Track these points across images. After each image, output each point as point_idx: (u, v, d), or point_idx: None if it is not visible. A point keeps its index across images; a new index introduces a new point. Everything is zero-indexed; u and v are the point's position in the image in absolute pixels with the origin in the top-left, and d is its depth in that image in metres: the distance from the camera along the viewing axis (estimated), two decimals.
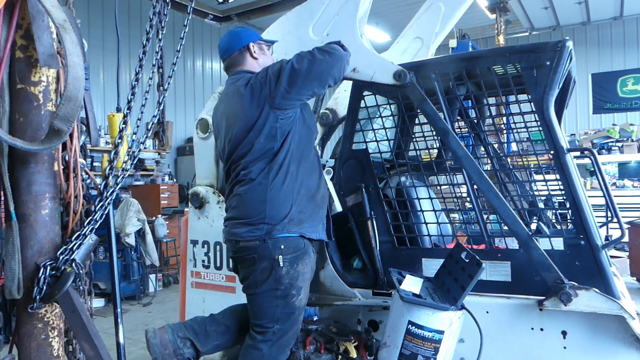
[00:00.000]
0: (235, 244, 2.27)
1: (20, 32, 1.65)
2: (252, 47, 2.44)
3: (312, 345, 2.46)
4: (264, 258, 2.20)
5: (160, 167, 8.80)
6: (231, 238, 2.29)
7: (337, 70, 2.26)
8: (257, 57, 2.45)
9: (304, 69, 2.17)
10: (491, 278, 2.37)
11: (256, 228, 2.20)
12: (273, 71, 2.22)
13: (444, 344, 1.97)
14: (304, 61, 2.19)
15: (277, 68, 2.22)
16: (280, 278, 2.19)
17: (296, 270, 2.23)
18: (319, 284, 2.70)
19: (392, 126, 2.98)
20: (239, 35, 2.46)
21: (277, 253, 2.18)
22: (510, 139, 4.44)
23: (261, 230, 2.19)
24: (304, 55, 2.22)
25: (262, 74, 2.26)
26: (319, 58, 2.20)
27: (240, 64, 2.44)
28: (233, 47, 2.45)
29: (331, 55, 2.23)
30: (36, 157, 1.68)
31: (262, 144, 2.21)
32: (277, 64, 2.25)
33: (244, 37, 2.45)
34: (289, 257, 2.20)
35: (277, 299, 2.20)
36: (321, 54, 2.22)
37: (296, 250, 2.23)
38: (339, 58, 2.25)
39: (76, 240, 1.72)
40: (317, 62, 2.19)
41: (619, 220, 2.21)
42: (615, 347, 2.16)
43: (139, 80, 1.85)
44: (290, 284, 2.21)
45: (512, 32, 12.21)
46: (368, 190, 2.65)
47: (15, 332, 1.75)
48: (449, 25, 3.50)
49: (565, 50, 2.22)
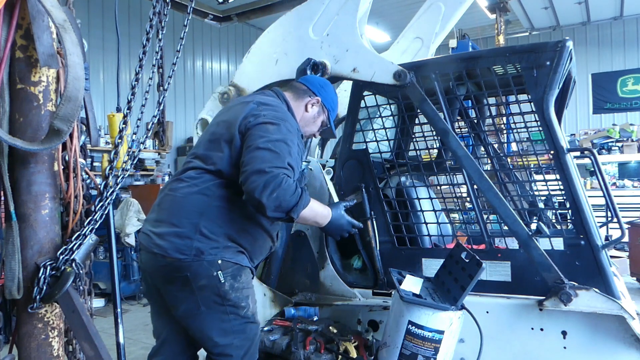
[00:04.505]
0: (161, 259, 1.94)
1: (20, 32, 1.65)
2: (313, 102, 2.27)
3: (312, 345, 2.46)
4: (200, 276, 1.92)
5: (160, 167, 8.80)
6: (156, 251, 1.94)
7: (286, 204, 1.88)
8: (308, 111, 2.27)
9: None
10: (491, 278, 2.37)
11: (189, 240, 1.92)
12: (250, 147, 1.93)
13: (444, 344, 1.97)
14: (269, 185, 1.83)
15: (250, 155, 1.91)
16: (225, 294, 1.95)
17: (240, 282, 2.00)
18: (319, 284, 2.70)
19: (392, 126, 2.98)
20: (324, 87, 2.32)
21: (215, 269, 1.93)
22: (510, 139, 4.45)
23: (196, 244, 1.92)
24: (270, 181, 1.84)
25: (258, 131, 1.95)
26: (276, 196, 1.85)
27: (294, 97, 2.27)
28: (310, 84, 2.31)
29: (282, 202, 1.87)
30: (36, 157, 1.68)
31: (234, 163, 1.99)
32: (255, 149, 1.92)
33: (322, 93, 2.29)
34: (229, 270, 1.97)
35: (228, 314, 1.98)
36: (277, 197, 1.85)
37: (238, 260, 2.02)
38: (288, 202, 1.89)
39: (76, 240, 1.72)
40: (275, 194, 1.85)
41: (619, 220, 2.21)
42: (615, 347, 2.15)
43: (139, 80, 1.85)
44: (237, 296, 1.98)
45: (512, 32, 12.22)
46: (368, 190, 2.65)
47: (15, 332, 1.75)
48: (449, 25, 3.50)
49: (565, 50, 2.22)
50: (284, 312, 2.64)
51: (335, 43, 2.62)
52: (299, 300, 2.72)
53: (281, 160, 1.88)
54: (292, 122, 2.09)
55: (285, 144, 1.94)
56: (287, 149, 1.94)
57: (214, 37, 11.15)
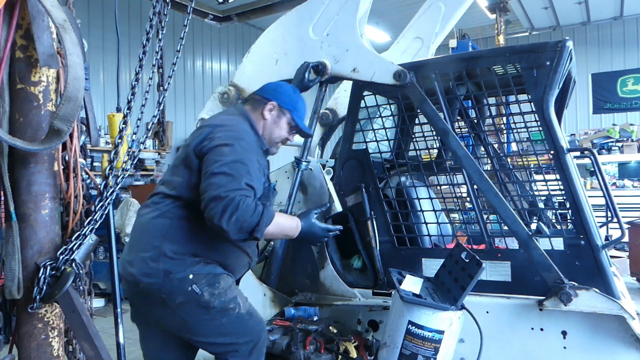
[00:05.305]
0: (135, 286, 1.97)
1: (20, 32, 1.64)
2: (269, 107, 2.20)
3: (312, 345, 2.46)
4: (176, 295, 1.93)
5: (160, 167, 8.80)
6: (129, 279, 1.98)
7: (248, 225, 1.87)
8: (266, 118, 2.20)
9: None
10: (491, 278, 2.37)
11: (155, 263, 1.93)
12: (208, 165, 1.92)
13: (444, 344, 1.97)
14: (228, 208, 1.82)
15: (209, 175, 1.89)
16: (208, 303, 1.94)
17: (219, 287, 1.98)
18: (319, 284, 2.70)
19: (392, 126, 2.98)
20: (278, 90, 2.26)
21: (188, 284, 1.93)
22: (510, 139, 4.45)
23: (162, 266, 1.93)
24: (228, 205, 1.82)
25: (212, 155, 1.94)
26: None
27: (252, 109, 2.23)
28: (263, 91, 2.27)
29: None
30: (36, 157, 1.68)
31: (193, 187, 1.98)
32: (214, 172, 1.89)
33: (276, 95, 2.23)
34: (204, 281, 1.96)
35: (219, 319, 1.97)
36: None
37: (211, 270, 2.00)
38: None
39: (76, 240, 1.72)
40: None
41: (619, 220, 2.22)
42: (615, 347, 2.16)
43: (139, 80, 1.85)
44: (222, 301, 1.97)
45: (512, 32, 12.22)
46: (368, 190, 2.65)
47: (15, 332, 1.75)
48: (449, 25, 3.51)
49: (565, 50, 2.22)
50: (284, 312, 2.64)
51: (335, 43, 2.62)
52: (299, 300, 2.72)
53: (237, 182, 1.87)
54: (249, 140, 2.06)
55: (241, 164, 1.92)
56: (244, 168, 1.92)
57: (214, 37, 11.15)
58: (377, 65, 2.53)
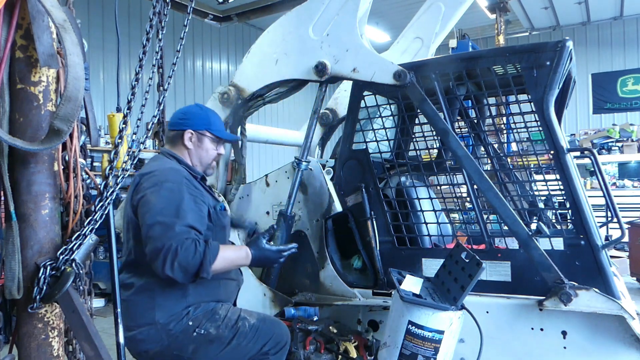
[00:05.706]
0: (147, 355, 2.04)
1: (20, 32, 1.64)
2: (187, 136, 2.20)
3: (312, 345, 2.46)
4: (185, 345, 2.00)
5: None
6: (140, 351, 2.05)
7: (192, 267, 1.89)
8: (189, 147, 2.21)
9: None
10: (491, 278, 2.37)
11: (155, 331, 2.00)
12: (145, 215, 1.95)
13: (444, 344, 1.97)
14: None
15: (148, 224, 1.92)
16: (218, 337, 2.02)
17: (220, 317, 2.07)
18: (319, 284, 2.70)
19: (392, 126, 2.98)
20: (185, 115, 2.27)
21: (191, 330, 2.00)
22: (510, 139, 4.45)
23: (161, 333, 2.00)
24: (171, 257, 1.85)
25: (142, 208, 1.97)
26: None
27: (172, 146, 2.25)
28: (172, 125, 2.27)
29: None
30: (36, 157, 1.68)
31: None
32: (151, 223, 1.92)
33: (186, 122, 2.23)
34: (203, 321, 2.03)
35: (234, 343, 2.04)
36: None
37: (205, 309, 2.06)
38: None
39: (76, 240, 1.72)
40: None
41: (619, 220, 2.21)
42: (615, 347, 2.16)
43: (139, 80, 1.85)
44: (229, 326, 2.05)
45: (512, 32, 12.23)
46: (368, 190, 2.65)
47: (15, 332, 1.75)
48: (449, 25, 3.51)
49: (565, 50, 2.22)
50: (284, 312, 2.64)
51: (335, 43, 2.62)
52: (299, 300, 2.72)
53: (171, 228, 1.88)
54: (175, 177, 2.05)
55: (172, 207, 1.94)
56: (175, 211, 1.93)
57: (214, 37, 11.15)
58: (377, 65, 2.53)
